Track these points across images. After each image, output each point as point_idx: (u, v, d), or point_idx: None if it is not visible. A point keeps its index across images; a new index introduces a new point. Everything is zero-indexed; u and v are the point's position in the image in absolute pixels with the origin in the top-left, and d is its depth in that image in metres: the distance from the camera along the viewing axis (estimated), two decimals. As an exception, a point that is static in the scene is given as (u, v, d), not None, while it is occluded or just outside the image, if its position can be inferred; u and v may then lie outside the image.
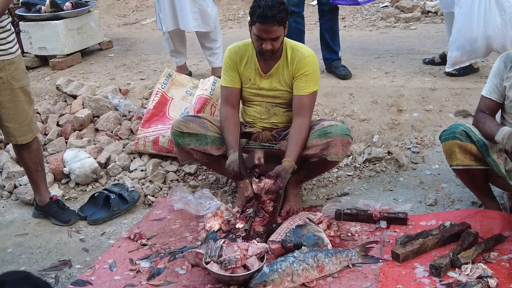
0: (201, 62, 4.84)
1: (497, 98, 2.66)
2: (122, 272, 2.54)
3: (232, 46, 3.01)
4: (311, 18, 6.00)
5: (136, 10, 7.61)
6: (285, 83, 2.91)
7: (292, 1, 4.04)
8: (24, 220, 3.22)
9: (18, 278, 1.32)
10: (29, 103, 2.90)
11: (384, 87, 3.94)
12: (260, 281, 2.22)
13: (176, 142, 2.98)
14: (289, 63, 2.88)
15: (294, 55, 2.88)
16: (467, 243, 2.43)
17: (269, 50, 2.77)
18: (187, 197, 3.06)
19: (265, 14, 2.67)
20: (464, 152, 2.56)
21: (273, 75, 2.92)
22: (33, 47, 5.03)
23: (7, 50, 2.72)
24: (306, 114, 2.84)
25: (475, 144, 2.53)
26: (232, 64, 2.97)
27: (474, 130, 2.58)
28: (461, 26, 3.69)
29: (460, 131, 2.56)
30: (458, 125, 2.63)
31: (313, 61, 2.89)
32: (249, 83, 2.97)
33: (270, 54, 2.81)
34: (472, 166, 2.58)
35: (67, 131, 3.93)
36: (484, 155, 2.51)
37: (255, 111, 3.03)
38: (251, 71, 2.95)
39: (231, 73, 2.98)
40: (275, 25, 2.69)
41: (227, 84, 3.00)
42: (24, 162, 3.05)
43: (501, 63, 2.64)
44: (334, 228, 2.76)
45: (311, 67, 2.86)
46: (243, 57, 2.95)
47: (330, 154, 2.76)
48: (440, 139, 2.70)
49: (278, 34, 2.74)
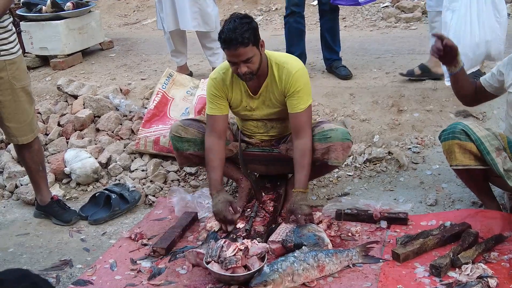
0: (201, 62, 4.85)
1: (488, 85, 2.66)
2: (123, 271, 2.54)
3: (213, 75, 2.85)
4: (312, 18, 6.00)
5: (137, 10, 7.61)
6: (277, 101, 2.80)
7: (292, 1, 4.05)
8: (25, 220, 3.23)
9: (17, 276, 1.32)
10: (30, 103, 2.91)
11: (384, 87, 3.94)
12: (260, 281, 2.23)
13: (175, 147, 2.96)
14: (278, 82, 2.73)
15: (280, 72, 2.72)
16: (467, 243, 2.43)
17: (247, 72, 2.61)
18: (186, 198, 3.06)
19: (229, 38, 2.50)
20: (463, 152, 2.55)
21: (263, 95, 2.80)
22: (34, 47, 5.04)
23: (8, 50, 2.72)
24: (306, 132, 2.73)
25: (474, 143, 2.52)
26: (219, 93, 2.80)
27: (473, 128, 2.56)
28: (459, 32, 3.32)
29: (459, 130, 2.55)
30: (457, 124, 2.62)
31: (301, 75, 2.72)
32: (240, 106, 2.86)
33: (251, 76, 2.65)
34: (471, 166, 2.57)
35: (68, 131, 3.94)
36: (483, 153, 2.51)
37: (253, 125, 2.97)
38: (240, 94, 2.83)
39: (217, 102, 2.81)
40: (241, 47, 2.52)
41: (214, 112, 2.83)
42: (25, 162, 3.06)
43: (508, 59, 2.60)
44: (334, 228, 2.76)
45: (301, 82, 2.71)
46: (230, 82, 2.80)
47: (330, 159, 2.74)
48: (439, 139, 2.69)
49: (248, 55, 2.56)
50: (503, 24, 3.37)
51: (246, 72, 2.61)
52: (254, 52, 2.59)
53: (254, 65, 2.62)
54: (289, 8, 4.09)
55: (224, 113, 2.86)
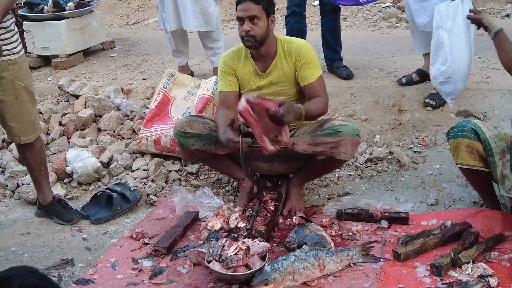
0: (203, 62, 4.85)
1: None
2: (124, 270, 2.55)
3: (225, 53, 3.01)
4: (313, 18, 6.01)
5: (138, 10, 7.62)
6: (287, 76, 2.88)
7: (293, 1, 4.06)
8: (27, 219, 3.24)
9: (26, 272, 1.34)
10: (32, 102, 2.92)
11: (385, 87, 3.94)
12: (261, 279, 2.23)
13: (179, 143, 2.98)
14: (287, 57, 2.87)
15: (289, 48, 2.87)
16: (468, 243, 2.44)
17: (250, 34, 2.73)
18: (187, 197, 3.07)
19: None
20: (470, 152, 2.54)
21: (272, 73, 2.89)
22: (36, 47, 5.05)
23: (11, 50, 2.73)
24: (322, 93, 2.85)
25: (481, 143, 2.51)
26: (228, 69, 2.94)
27: (483, 127, 2.54)
28: (457, 53, 3.18)
29: (470, 128, 2.54)
30: (467, 122, 2.60)
31: (309, 48, 2.88)
32: (248, 86, 2.94)
33: (253, 41, 2.76)
34: (475, 167, 2.57)
35: (70, 130, 3.95)
36: (487, 154, 2.51)
37: None
38: (249, 73, 2.93)
39: (228, 78, 2.95)
40: (252, 2, 2.70)
41: (224, 89, 2.97)
42: (27, 162, 3.07)
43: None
44: (335, 228, 2.77)
45: (310, 54, 2.86)
46: (238, 60, 2.94)
47: (339, 153, 2.74)
48: (447, 136, 2.68)
49: (255, 13, 2.72)
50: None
51: (249, 32, 2.73)
52: (262, 16, 2.75)
53: (259, 30, 2.75)
54: (290, 8, 4.10)
55: (234, 90, 2.96)
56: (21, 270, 1.34)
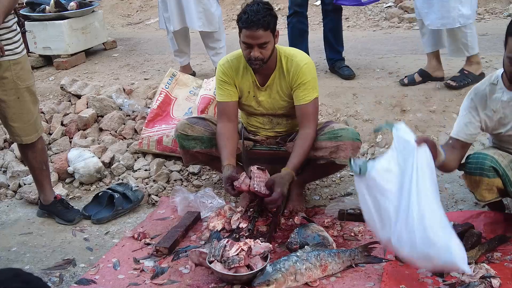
0: (204, 62, 4.85)
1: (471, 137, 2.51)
2: (126, 271, 2.55)
3: (223, 61, 2.88)
4: (315, 18, 6.00)
5: (140, 10, 7.63)
6: (284, 94, 2.82)
7: (295, 1, 4.06)
8: (28, 219, 3.24)
9: (9, 276, 1.30)
10: (34, 102, 2.92)
11: (387, 87, 3.94)
12: (263, 280, 2.23)
13: (181, 145, 2.97)
14: (286, 74, 2.77)
15: (289, 65, 2.76)
16: (470, 244, 2.43)
17: (258, 58, 2.65)
18: (189, 197, 3.07)
19: (251, 19, 2.56)
20: (489, 189, 2.46)
21: (270, 87, 2.82)
22: (38, 46, 5.05)
23: (13, 50, 2.73)
24: (311, 123, 2.75)
25: (501, 178, 2.43)
26: (227, 79, 2.84)
27: (499, 160, 2.44)
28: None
29: (489, 167, 2.42)
30: (485, 158, 2.43)
31: (310, 68, 2.77)
32: (248, 96, 2.88)
33: (261, 64, 2.68)
34: (493, 200, 2.52)
35: (72, 130, 3.95)
36: (506, 186, 2.44)
37: (258, 121, 2.98)
38: (248, 83, 2.85)
39: (227, 87, 2.84)
40: (261, 29, 2.58)
41: (224, 99, 2.86)
42: (28, 162, 3.07)
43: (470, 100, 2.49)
44: (337, 228, 2.76)
45: (309, 75, 2.75)
46: (238, 70, 2.83)
47: (339, 158, 2.74)
48: (463, 169, 2.52)
49: (265, 39, 2.62)
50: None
51: (258, 57, 2.66)
52: (270, 39, 2.65)
53: (267, 52, 2.67)
54: (292, 8, 4.09)
55: (233, 99, 2.87)
56: (4, 275, 1.30)
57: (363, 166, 2.20)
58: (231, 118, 2.86)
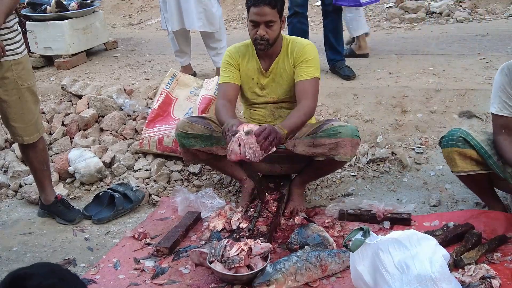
0: (205, 62, 4.86)
1: (509, 113, 2.46)
2: (126, 271, 2.56)
3: (231, 47, 2.99)
4: (315, 18, 6.00)
5: (141, 11, 7.64)
6: (287, 76, 2.87)
7: (296, 2, 4.06)
8: (29, 219, 3.24)
9: (46, 271, 1.29)
10: (35, 103, 2.92)
11: (388, 87, 3.94)
12: (263, 280, 2.24)
13: (181, 143, 2.98)
14: (289, 54, 2.86)
15: (293, 46, 2.86)
16: (470, 244, 2.43)
17: (264, 38, 2.73)
18: (189, 197, 3.07)
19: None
20: (464, 159, 2.53)
21: (275, 72, 2.89)
22: (39, 47, 5.06)
23: (14, 50, 2.73)
24: (309, 97, 2.76)
25: (474, 149, 2.50)
26: (233, 62, 2.92)
27: (472, 134, 2.52)
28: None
29: (458, 137, 2.52)
30: (455, 130, 2.58)
31: (312, 48, 2.86)
32: (251, 83, 2.94)
33: (266, 44, 2.76)
34: (474, 171, 2.55)
35: (72, 130, 3.96)
36: (484, 157, 2.49)
37: (260, 114, 3.01)
38: (253, 70, 2.92)
39: (231, 70, 2.91)
40: (268, 7, 2.68)
41: (227, 80, 2.91)
42: (29, 162, 3.07)
43: (504, 76, 2.45)
44: (337, 228, 2.76)
45: (311, 54, 2.84)
46: (244, 56, 2.93)
47: (338, 154, 2.74)
48: (439, 145, 2.68)
49: (271, 18, 2.71)
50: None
51: (264, 36, 2.73)
52: (277, 19, 2.74)
53: (273, 33, 2.75)
54: (293, 9, 4.09)
55: (236, 83, 2.93)
56: (42, 269, 1.28)
57: (354, 243, 2.01)
58: (231, 100, 2.89)
